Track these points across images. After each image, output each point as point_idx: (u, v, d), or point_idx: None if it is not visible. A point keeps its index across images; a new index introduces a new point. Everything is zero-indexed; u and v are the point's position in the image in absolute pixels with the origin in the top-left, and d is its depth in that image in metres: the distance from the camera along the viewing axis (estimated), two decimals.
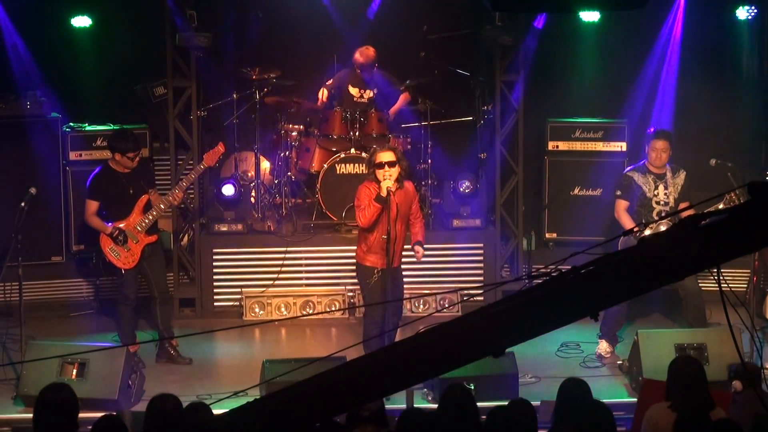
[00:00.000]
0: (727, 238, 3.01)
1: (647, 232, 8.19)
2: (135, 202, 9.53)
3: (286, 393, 3.60)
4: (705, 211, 8.27)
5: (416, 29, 12.19)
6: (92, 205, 9.56)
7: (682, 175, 9.73)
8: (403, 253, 9.27)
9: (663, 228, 8.80)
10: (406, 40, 12.24)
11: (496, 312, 3.25)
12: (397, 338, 8.93)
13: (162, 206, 9.60)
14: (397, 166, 8.87)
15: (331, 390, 3.38)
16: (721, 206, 8.89)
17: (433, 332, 3.29)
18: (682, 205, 9.63)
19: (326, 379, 3.39)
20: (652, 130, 9.96)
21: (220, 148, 9.89)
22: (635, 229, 4.71)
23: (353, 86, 11.80)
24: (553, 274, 3.20)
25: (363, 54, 11.64)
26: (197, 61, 11.26)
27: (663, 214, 9.61)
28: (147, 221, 9.54)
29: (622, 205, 9.68)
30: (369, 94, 11.80)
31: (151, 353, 9.89)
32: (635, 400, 8.00)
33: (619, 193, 9.72)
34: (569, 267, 3.28)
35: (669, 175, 9.70)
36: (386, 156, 8.88)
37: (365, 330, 9.16)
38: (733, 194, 9.20)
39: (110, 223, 9.54)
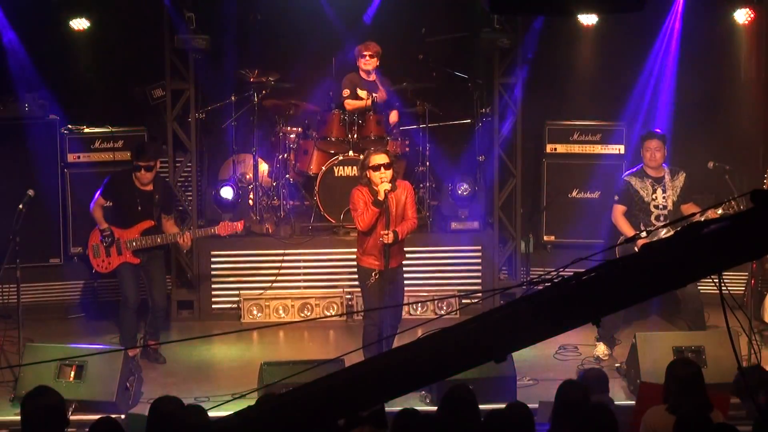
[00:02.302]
0: (729, 246, 3.01)
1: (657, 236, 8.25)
2: (139, 220, 9.59)
3: (287, 397, 3.60)
4: (703, 214, 8.28)
5: (415, 32, 12.20)
6: (99, 200, 9.79)
7: (682, 176, 9.76)
8: (404, 254, 9.31)
9: (662, 233, 8.84)
10: (405, 43, 12.26)
11: (498, 318, 3.25)
12: (396, 343, 8.92)
13: (169, 239, 9.66)
14: (391, 168, 8.92)
15: (332, 395, 3.38)
16: (719, 211, 8.94)
17: (435, 338, 3.29)
18: (684, 207, 9.67)
19: (327, 384, 3.40)
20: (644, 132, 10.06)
21: (239, 226, 10.00)
22: (641, 235, 4.70)
23: (362, 89, 11.76)
24: (555, 280, 3.20)
25: (367, 47, 11.59)
26: (195, 64, 11.27)
27: (661, 218, 9.64)
28: (138, 243, 9.62)
29: (618, 209, 9.73)
30: (370, 99, 11.75)
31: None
32: (633, 402, 8.00)
33: (616, 197, 9.79)
34: (571, 272, 3.28)
35: (668, 177, 9.73)
36: (381, 158, 8.92)
37: (365, 332, 9.19)
38: (732, 201, 9.23)
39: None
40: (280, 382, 7.50)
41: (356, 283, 9.55)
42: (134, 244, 9.63)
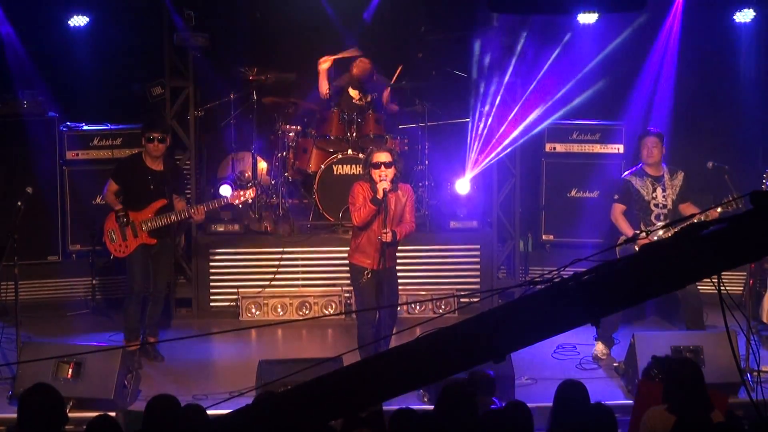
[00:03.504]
0: (728, 248, 3.01)
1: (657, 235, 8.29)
2: (152, 200, 9.59)
3: (284, 396, 3.60)
4: (702, 213, 8.26)
5: (414, 30, 12.19)
6: (110, 185, 9.76)
7: (680, 176, 9.78)
8: (397, 254, 9.30)
9: (661, 233, 8.85)
10: (404, 41, 12.25)
11: (497, 317, 3.25)
12: (394, 342, 8.92)
13: (182, 216, 9.65)
14: (393, 167, 8.89)
15: (330, 394, 3.38)
16: (719, 210, 8.96)
17: (434, 337, 3.29)
18: (682, 207, 9.68)
19: (325, 383, 3.39)
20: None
21: (252, 194, 10.02)
22: (640, 235, 4.70)
23: (353, 88, 11.79)
24: (555, 281, 3.20)
25: (358, 67, 11.64)
26: (195, 61, 11.26)
27: (661, 217, 9.65)
28: (153, 224, 9.60)
29: (618, 208, 9.73)
30: (368, 98, 11.80)
31: None
32: (631, 402, 8.00)
33: (616, 196, 9.79)
34: (571, 272, 3.28)
35: (667, 176, 9.74)
36: (383, 156, 8.90)
37: (360, 332, 9.18)
38: (730, 198, 9.26)
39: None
40: (278, 380, 7.49)
41: (350, 280, 9.51)
42: (149, 224, 9.62)
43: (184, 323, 11.05)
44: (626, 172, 9.99)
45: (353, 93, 11.81)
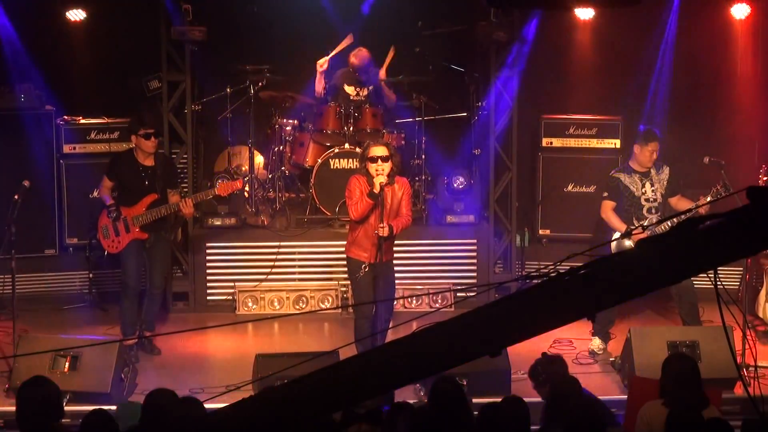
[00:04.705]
0: (726, 242, 3.02)
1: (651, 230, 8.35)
2: (144, 196, 9.59)
3: (282, 390, 3.60)
4: (696, 207, 8.27)
5: (411, 25, 12.19)
6: (105, 182, 9.81)
7: (666, 170, 9.83)
8: (395, 248, 9.31)
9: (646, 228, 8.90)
10: (401, 36, 12.23)
11: (493, 312, 3.25)
12: (390, 337, 8.93)
13: (172, 209, 9.66)
14: (389, 161, 8.89)
15: (327, 388, 3.38)
16: (709, 198, 9.03)
17: (430, 331, 3.29)
18: (672, 200, 9.72)
19: (322, 377, 3.39)
20: (641, 128, 10.05)
21: (238, 184, 10.04)
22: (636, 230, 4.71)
23: (349, 85, 11.79)
24: (551, 275, 3.20)
25: (357, 56, 11.65)
26: (192, 55, 11.26)
27: (653, 211, 9.68)
28: (145, 218, 9.60)
29: (608, 205, 9.76)
30: (365, 92, 11.80)
31: None
32: (627, 397, 8.01)
33: (606, 194, 9.82)
34: (567, 267, 3.29)
35: (653, 171, 9.78)
36: (380, 150, 8.91)
37: (356, 326, 9.19)
38: (719, 186, 9.29)
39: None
40: (274, 374, 7.50)
41: (348, 274, 9.51)
42: (140, 219, 9.64)
43: (180, 317, 11.06)
44: (614, 170, 10.01)
45: (349, 90, 11.80)
